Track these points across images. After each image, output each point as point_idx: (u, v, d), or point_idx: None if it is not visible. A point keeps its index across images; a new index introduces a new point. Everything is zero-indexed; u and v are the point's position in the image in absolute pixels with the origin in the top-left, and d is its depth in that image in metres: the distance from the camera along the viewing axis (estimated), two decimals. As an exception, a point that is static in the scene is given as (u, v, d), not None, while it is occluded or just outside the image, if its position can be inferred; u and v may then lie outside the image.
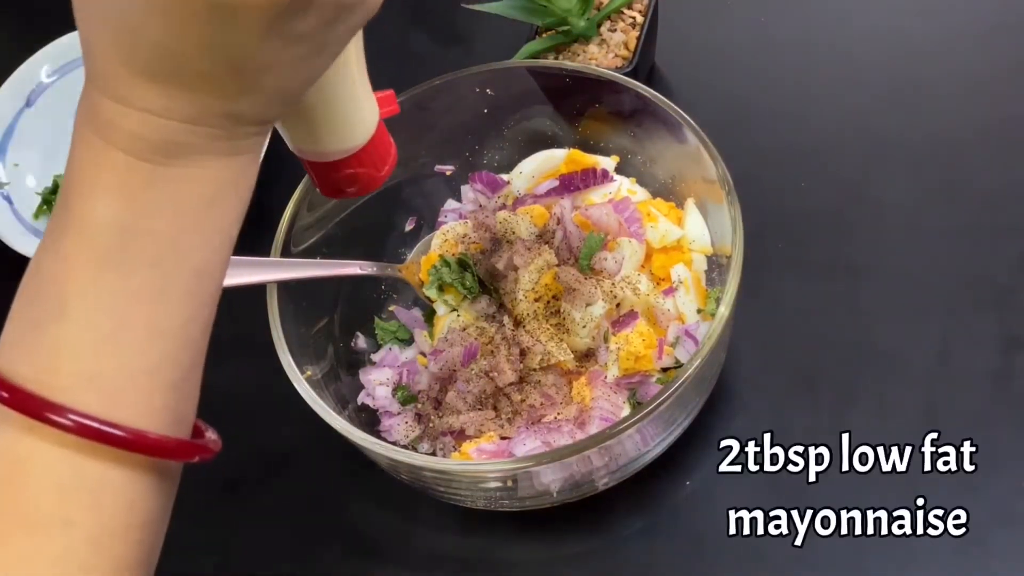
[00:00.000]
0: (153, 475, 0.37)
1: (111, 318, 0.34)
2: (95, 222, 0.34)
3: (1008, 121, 0.76)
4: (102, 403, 0.34)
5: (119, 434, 0.34)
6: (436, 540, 0.66)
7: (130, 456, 0.35)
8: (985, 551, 0.59)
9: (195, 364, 0.38)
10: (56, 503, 0.34)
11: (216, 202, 0.36)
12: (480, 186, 0.72)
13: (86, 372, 0.34)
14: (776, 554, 0.61)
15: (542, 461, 0.55)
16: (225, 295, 0.60)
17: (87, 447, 0.34)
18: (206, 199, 0.35)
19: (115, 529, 0.36)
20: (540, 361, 0.63)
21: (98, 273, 0.34)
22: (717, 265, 0.66)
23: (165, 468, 0.38)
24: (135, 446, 0.35)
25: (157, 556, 0.40)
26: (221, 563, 0.68)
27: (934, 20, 0.82)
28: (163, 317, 0.36)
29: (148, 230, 0.34)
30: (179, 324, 0.36)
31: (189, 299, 0.37)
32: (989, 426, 0.63)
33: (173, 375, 0.37)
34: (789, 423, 0.64)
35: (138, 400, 0.35)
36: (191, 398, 0.39)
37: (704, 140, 0.63)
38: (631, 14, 0.79)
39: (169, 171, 0.34)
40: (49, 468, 0.34)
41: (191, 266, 0.36)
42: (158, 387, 0.36)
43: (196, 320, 0.37)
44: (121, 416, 0.35)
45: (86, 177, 0.34)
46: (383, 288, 0.73)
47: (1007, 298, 0.68)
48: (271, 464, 0.72)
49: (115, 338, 0.35)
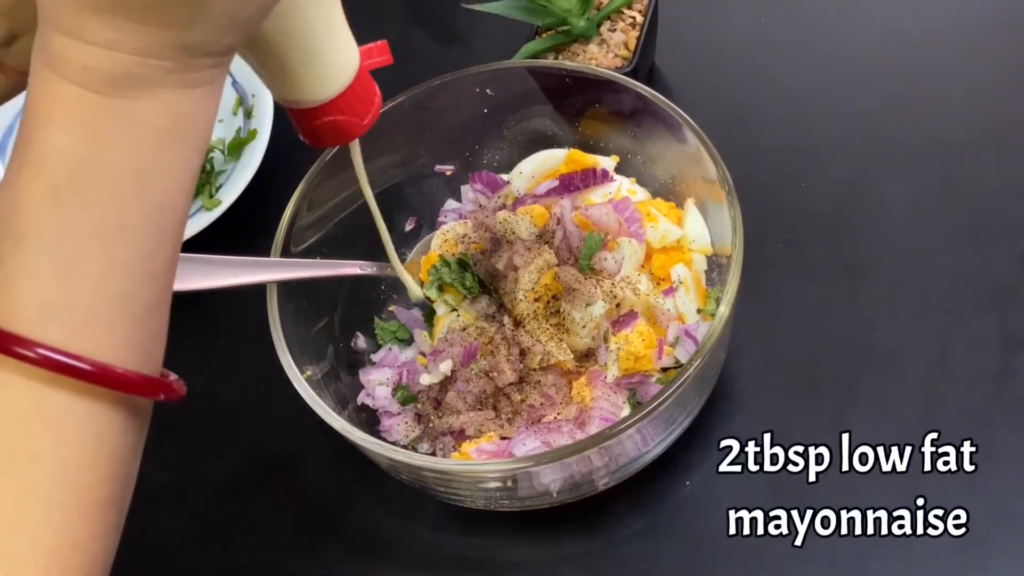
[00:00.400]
0: (120, 410, 0.37)
1: (70, 249, 0.34)
2: (51, 155, 0.34)
3: (1008, 121, 0.76)
4: (65, 336, 0.34)
5: (83, 367, 0.34)
6: (436, 540, 0.66)
7: (95, 390, 0.35)
8: (985, 551, 0.59)
9: (159, 301, 0.38)
10: (20, 437, 0.34)
11: (173, 135, 0.36)
12: (480, 186, 0.72)
13: (47, 303, 0.34)
14: (776, 554, 0.61)
15: (542, 461, 0.55)
16: (225, 295, 0.61)
17: (52, 380, 0.34)
18: (162, 132, 0.35)
19: (82, 463, 0.35)
20: (540, 361, 0.63)
21: (55, 205, 0.34)
22: (717, 265, 0.66)
23: (132, 404, 0.37)
24: (99, 379, 0.35)
25: (129, 496, 0.39)
26: (221, 563, 0.68)
27: (934, 20, 0.82)
28: (123, 250, 0.35)
29: (105, 162, 0.34)
30: (140, 257, 0.36)
31: (150, 232, 0.36)
32: (989, 426, 0.63)
33: (136, 309, 0.36)
34: (789, 423, 0.64)
35: (101, 333, 0.35)
36: (157, 336, 0.39)
37: (704, 140, 0.63)
38: (631, 14, 0.79)
39: (123, 103, 0.34)
40: (13, 402, 0.34)
41: (150, 199, 0.36)
42: (121, 320, 0.36)
43: (158, 254, 0.37)
44: (85, 349, 0.34)
45: (41, 112, 0.34)
46: (383, 288, 0.73)
47: (1007, 298, 0.68)
48: (271, 464, 0.72)
49: (75, 269, 0.34)
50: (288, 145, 0.84)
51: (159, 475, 0.70)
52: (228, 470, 0.72)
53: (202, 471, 0.71)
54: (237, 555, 0.68)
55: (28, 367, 0.34)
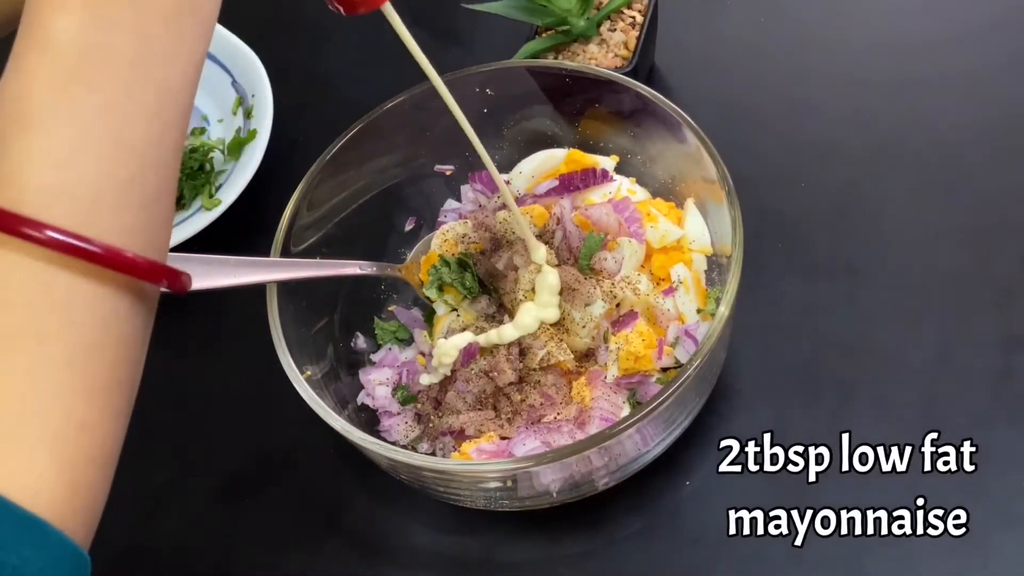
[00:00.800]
0: (128, 295, 0.37)
1: (76, 130, 0.34)
2: (58, 37, 0.34)
3: (1008, 121, 0.76)
4: (72, 218, 0.34)
5: (92, 248, 0.34)
6: (436, 540, 0.66)
7: (103, 273, 0.35)
8: (985, 551, 0.59)
9: (165, 188, 0.38)
10: (28, 318, 0.34)
11: (178, 17, 0.36)
12: (480, 186, 0.72)
13: (55, 186, 0.34)
14: (776, 554, 0.61)
15: (542, 461, 0.55)
16: (225, 295, 0.61)
17: (60, 261, 0.34)
18: (168, 14, 0.36)
19: (89, 347, 0.35)
20: (540, 361, 0.63)
21: (62, 87, 0.34)
22: (717, 265, 0.66)
23: (140, 289, 0.37)
24: (107, 261, 0.35)
25: (137, 383, 0.39)
26: (221, 563, 0.68)
27: (934, 20, 0.82)
28: (129, 133, 0.36)
29: (111, 44, 0.35)
30: (146, 142, 0.36)
31: (156, 118, 0.36)
32: (989, 426, 0.63)
33: (142, 194, 0.36)
34: (789, 423, 0.64)
35: (108, 216, 0.35)
36: (163, 224, 0.39)
37: (704, 140, 0.63)
38: (631, 14, 0.79)
39: None
40: (22, 284, 0.34)
41: (156, 84, 0.36)
42: (128, 204, 0.36)
43: (164, 141, 0.37)
44: (92, 231, 0.34)
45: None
46: (383, 288, 0.73)
47: (1007, 298, 0.68)
48: (271, 464, 0.72)
49: (82, 152, 0.34)
50: (288, 145, 0.84)
51: (159, 475, 0.71)
52: (228, 470, 0.72)
53: (202, 471, 0.71)
54: (237, 555, 0.68)
55: (36, 248, 0.34)
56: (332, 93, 0.77)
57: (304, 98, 0.88)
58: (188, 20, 0.37)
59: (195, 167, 0.82)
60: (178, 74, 0.37)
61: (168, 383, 0.74)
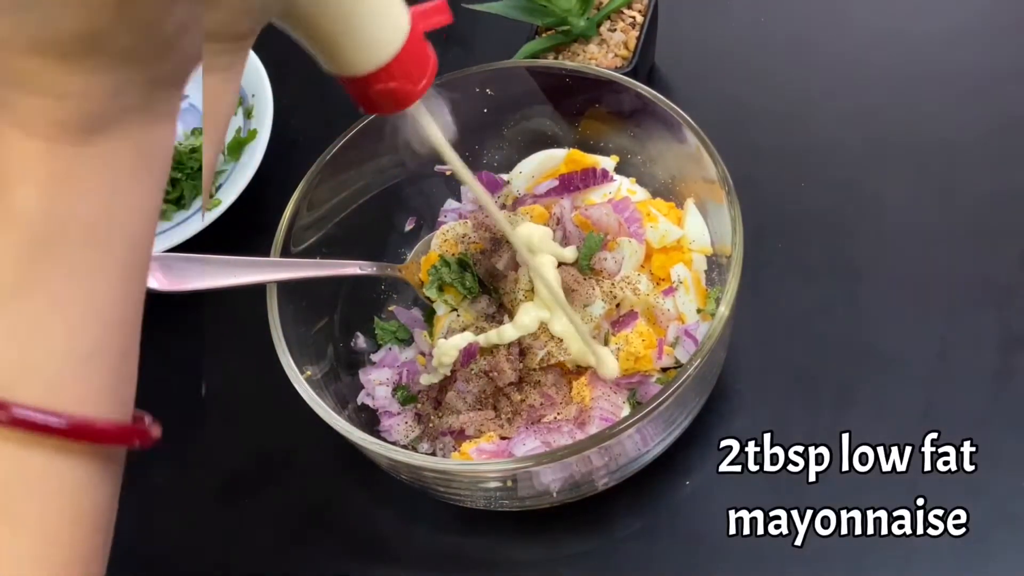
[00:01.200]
0: (98, 462, 0.36)
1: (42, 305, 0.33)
2: (22, 213, 0.33)
3: (1008, 121, 0.76)
4: (38, 394, 0.33)
5: (58, 424, 0.33)
6: (436, 540, 0.66)
7: (73, 445, 0.34)
8: (985, 551, 0.59)
9: (132, 345, 0.37)
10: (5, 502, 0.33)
11: (141, 170, 0.35)
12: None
13: (18, 363, 0.33)
14: (776, 554, 0.61)
15: (542, 461, 0.55)
16: (225, 295, 0.61)
17: (27, 439, 0.33)
18: (131, 169, 0.34)
19: (63, 520, 0.35)
20: (540, 361, 0.63)
21: (28, 262, 0.33)
22: (717, 265, 0.66)
23: (110, 454, 0.37)
24: (77, 434, 0.34)
25: (110, 543, 0.39)
26: (221, 563, 0.68)
27: (934, 20, 0.82)
28: (97, 297, 0.35)
29: (77, 212, 0.33)
30: (113, 302, 0.35)
31: (124, 273, 0.35)
32: (989, 426, 0.63)
33: (111, 356, 0.36)
34: (789, 423, 0.64)
35: (77, 386, 0.34)
36: (130, 380, 0.38)
37: (704, 140, 0.63)
38: (631, 14, 0.79)
39: (94, 149, 0.33)
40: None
41: (123, 239, 0.35)
42: (97, 369, 0.35)
43: (131, 296, 0.36)
44: (60, 405, 0.34)
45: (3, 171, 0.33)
46: (383, 288, 0.73)
47: (1007, 298, 0.68)
48: (271, 464, 0.72)
49: (48, 326, 0.34)
50: (288, 145, 0.84)
51: (159, 475, 0.71)
52: (228, 470, 0.72)
53: (202, 471, 0.71)
54: (237, 554, 0.68)
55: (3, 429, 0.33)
56: (332, 93, 0.76)
57: (304, 98, 0.88)
58: (151, 168, 0.35)
59: (195, 167, 0.83)
60: (143, 223, 0.36)
61: (168, 383, 0.74)
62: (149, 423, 0.38)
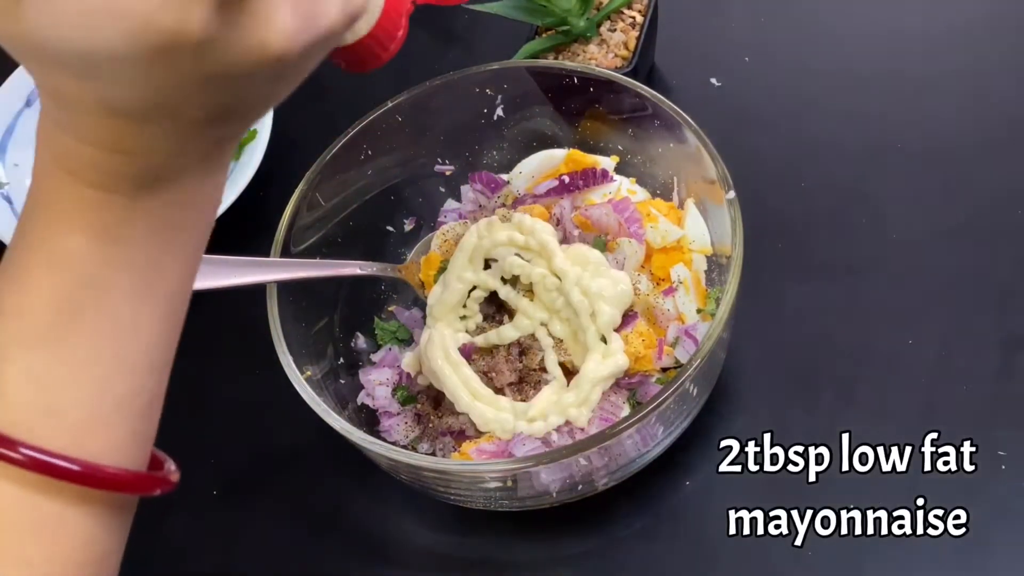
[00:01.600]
0: (112, 510, 0.35)
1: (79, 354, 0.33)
2: (67, 258, 0.32)
3: (1008, 121, 0.76)
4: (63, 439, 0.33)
5: (76, 469, 0.33)
6: (436, 540, 0.66)
7: (89, 492, 0.34)
8: (985, 551, 0.59)
9: (161, 390, 0.37)
10: (13, 543, 0.33)
11: (190, 222, 0.35)
12: (480, 186, 0.72)
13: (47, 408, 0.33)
14: (776, 554, 0.61)
15: (542, 461, 0.55)
16: (225, 295, 0.61)
17: (44, 483, 0.33)
18: (180, 221, 0.34)
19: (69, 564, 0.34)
20: (540, 361, 0.63)
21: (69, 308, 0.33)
22: (717, 265, 0.66)
23: (124, 502, 0.36)
24: (96, 482, 0.34)
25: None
26: (221, 563, 0.68)
27: (934, 20, 0.82)
28: (133, 348, 0.34)
29: (123, 261, 0.33)
30: (147, 353, 0.35)
31: (162, 323, 0.35)
32: (989, 426, 0.63)
33: (140, 404, 0.35)
34: (789, 423, 0.64)
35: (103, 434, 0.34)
36: (155, 422, 0.37)
37: (704, 140, 0.63)
38: (631, 14, 0.79)
39: (144, 202, 0.33)
40: (7, 507, 0.33)
41: (165, 290, 0.35)
42: (124, 418, 0.35)
43: (165, 343, 0.36)
44: (84, 450, 0.33)
45: (55, 214, 0.32)
46: (383, 288, 0.73)
47: (1007, 298, 0.68)
48: (271, 464, 0.72)
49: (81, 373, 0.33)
50: (288, 145, 0.84)
51: (159, 475, 0.70)
52: (228, 470, 0.72)
53: (202, 471, 0.71)
54: (237, 555, 0.68)
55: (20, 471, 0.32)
56: (332, 93, 0.76)
57: (304, 98, 0.88)
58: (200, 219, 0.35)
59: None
60: (186, 274, 0.35)
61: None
62: (169, 469, 0.38)
